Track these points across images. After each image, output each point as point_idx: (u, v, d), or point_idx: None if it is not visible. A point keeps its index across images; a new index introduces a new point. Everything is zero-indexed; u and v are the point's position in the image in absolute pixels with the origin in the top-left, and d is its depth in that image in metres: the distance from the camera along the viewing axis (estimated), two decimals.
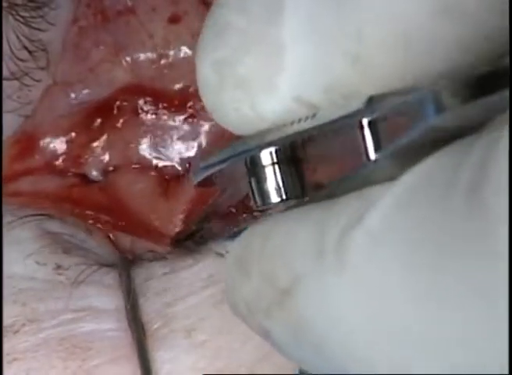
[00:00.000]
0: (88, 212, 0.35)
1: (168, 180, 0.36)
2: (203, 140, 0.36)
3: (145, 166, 0.36)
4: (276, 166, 0.25)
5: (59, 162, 0.36)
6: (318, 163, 0.27)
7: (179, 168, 0.36)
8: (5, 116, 0.34)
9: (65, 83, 0.35)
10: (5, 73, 0.33)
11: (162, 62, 0.36)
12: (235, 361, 0.30)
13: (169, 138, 0.36)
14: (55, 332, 0.30)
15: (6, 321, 0.30)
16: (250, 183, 0.26)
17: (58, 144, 0.36)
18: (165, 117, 0.36)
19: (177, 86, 0.36)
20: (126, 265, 0.31)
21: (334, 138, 0.24)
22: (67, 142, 0.36)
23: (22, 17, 0.32)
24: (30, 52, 0.33)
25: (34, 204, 0.35)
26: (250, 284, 0.23)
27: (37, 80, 0.34)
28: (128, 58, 0.36)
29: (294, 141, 0.24)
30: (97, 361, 0.29)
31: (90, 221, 0.35)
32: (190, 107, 0.36)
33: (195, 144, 0.36)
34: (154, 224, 0.34)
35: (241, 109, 0.23)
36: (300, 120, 0.23)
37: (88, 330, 0.30)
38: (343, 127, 0.22)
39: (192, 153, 0.36)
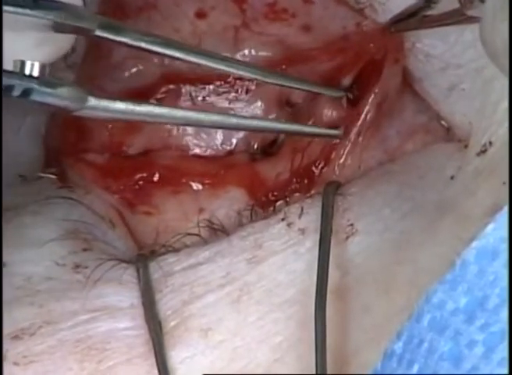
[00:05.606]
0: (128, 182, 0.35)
1: None
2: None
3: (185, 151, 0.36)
4: None
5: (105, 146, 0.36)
6: None
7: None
8: None
9: (90, 78, 0.35)
10: None
11: None
12: (252, 362, 0.29)
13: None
14: (70, 333, 0.29)
15: (23, 324, 0.29)
16: None
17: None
18: (208, 101, 0.36)
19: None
20: (143, 261, 0.31)
21: None
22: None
23: None
24: None
25: (87, 175, 0.35)
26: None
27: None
28: None
29: None
30: (113, 361, 0.29)
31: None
32: (230, 92, 0.36)
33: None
34: None
35: None
36: None
37: (104, 329, 0.29)
38: None
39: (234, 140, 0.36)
